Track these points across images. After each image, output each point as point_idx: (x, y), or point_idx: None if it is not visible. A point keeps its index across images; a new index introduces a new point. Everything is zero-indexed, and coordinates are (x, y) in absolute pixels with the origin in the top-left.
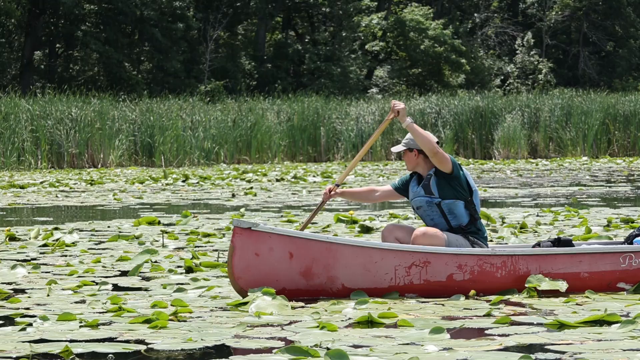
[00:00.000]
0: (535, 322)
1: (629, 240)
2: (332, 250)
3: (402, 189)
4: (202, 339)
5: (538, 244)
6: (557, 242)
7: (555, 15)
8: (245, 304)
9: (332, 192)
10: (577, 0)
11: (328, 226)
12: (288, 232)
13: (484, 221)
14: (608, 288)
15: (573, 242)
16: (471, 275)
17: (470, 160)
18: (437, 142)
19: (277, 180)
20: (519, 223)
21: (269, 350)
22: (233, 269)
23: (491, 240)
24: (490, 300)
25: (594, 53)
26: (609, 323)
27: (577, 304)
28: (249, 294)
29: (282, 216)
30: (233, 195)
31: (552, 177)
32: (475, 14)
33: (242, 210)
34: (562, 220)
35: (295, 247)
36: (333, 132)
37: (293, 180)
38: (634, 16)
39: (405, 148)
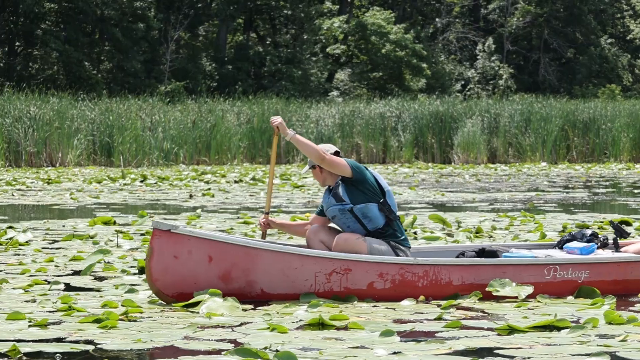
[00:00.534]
0: (485, 327)
1: (560, 244)
2: (251, 254)
3: (323, 211)
4: (151, 340)
5: (462, 254)
6: (482, 252)
7: (517, 21)
8: (196, 304)
9: (266, 222)
10: (539, 6)
11: None
12: (207, 235)
13: (439, 225)
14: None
15: (498, 252)
16: (392, 284)
17: (429, 164)
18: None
19: (236, 182)
20: (474, 227)
21: (217, 352)
22: (151, 271)
23: (446, 243)
24: (442, 305)
25: (554, 59)
26: (559, 328)
27: (528, 309)
28: (194, 296)
29: (238, 217)
30: (190, 196)
31: (510, 183)
32: (437, 19)
33: (198, 211)
34: (518, 225)
35: (215, 250)
36: None
37: (251, 182)
38: (594, 23)
39: (309, 167)
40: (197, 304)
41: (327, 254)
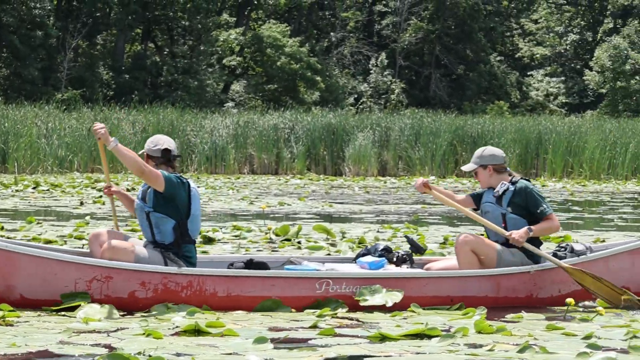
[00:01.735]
0: (359, 335)
1: (355, 258)
2: (11, 258)
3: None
4: (26, 344)
5: (232, 264)
6: (250, 263)
7: (409, 37)
8: (74, 309)
9: (109, 190)
10: (430, 23)
11: None
12: None
13: (323, 235)
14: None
15: (269, 265)
16: (154, 293)
17: (321, 176)
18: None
19: (128, 190)
20: (358, 238)
21: (91, 356)
22: None
23: (329, 254)
24: (316, 312)
25: (445, 75)
26: (430, 337)
27: (403, 318)
28: (62, 300)
29: (127, 225)
30: (81, 203)
31: (398, 195)
32: (332, 33)
33: (87, 218)
34: (401, 237)
35: None
36: (187, 144)
37: None
38: (484, 41)
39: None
40: (75, 309)
41: (88, 261)
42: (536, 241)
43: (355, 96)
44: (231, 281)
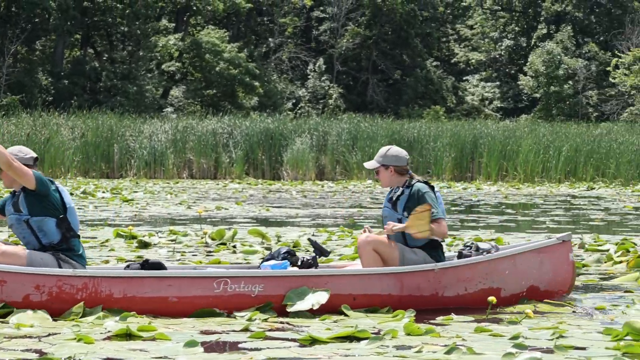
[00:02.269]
0: (289, 338)
1: (261, 264)
2: None
3: (1, 208)
4: None
5: (128, 266)
6: (145, 264)
7: (347, 42)
8: (5, 315)
9: None
10: (368, 29)
11: (107, 241)
12: None
13: (258, 239)
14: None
15: (164, 265)
16: (49, 296)
17: (259, 180)
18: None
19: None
20: (293, 242)
21: None
22: None
23: (262, 258)
24: (245, 316)
25: (382, 80)
26: (359, 339)
27: (333, 322)
28: None
29: None
30: None
31: (334, 199)
32: (270, 39)
33: None
34: (336, 240)
35: None
36: (126, 149)
37: (82, 195)
38: (420, 47)
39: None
40: (7, 315)
41: None
42: (435, 242)
43: (294, 101)
44: (127, 282)
